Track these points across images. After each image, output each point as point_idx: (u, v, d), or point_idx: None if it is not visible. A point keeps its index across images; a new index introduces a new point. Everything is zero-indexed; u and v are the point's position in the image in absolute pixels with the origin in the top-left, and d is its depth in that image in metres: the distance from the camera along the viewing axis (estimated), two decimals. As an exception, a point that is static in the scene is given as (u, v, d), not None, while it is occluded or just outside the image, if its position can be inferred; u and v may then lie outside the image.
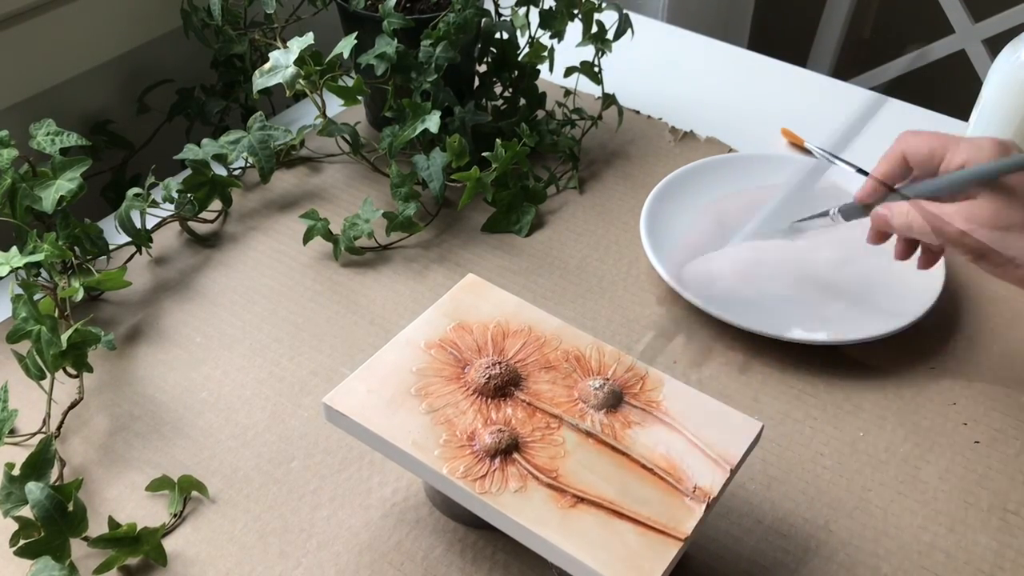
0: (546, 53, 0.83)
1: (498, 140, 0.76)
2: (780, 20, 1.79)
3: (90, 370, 0.61)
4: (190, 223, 0.77)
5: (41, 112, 0.78)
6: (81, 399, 0.62)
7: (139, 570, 0.54)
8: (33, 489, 0.51)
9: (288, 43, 0.73)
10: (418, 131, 0.74)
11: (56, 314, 0.63)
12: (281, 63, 0.72)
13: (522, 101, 0.86)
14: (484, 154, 0.76)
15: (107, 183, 0.87)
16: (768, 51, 1.04)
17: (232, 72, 0.88)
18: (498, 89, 0.87)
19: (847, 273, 0.72)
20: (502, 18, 0.84)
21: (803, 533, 0.57)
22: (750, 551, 0.56)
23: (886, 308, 0.68)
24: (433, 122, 0.74)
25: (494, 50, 0.84)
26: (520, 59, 0.84)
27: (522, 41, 0.84)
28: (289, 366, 0.67)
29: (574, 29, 0.83)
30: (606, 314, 0.71)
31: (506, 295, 0.58)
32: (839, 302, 0.70)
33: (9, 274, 0.61)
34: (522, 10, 0.82)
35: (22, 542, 0.51)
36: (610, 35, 0.83)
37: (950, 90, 1.28)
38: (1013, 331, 0.70)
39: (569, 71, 0.84)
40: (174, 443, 0.61)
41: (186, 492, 0.57)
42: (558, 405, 0.51)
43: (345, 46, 0.75)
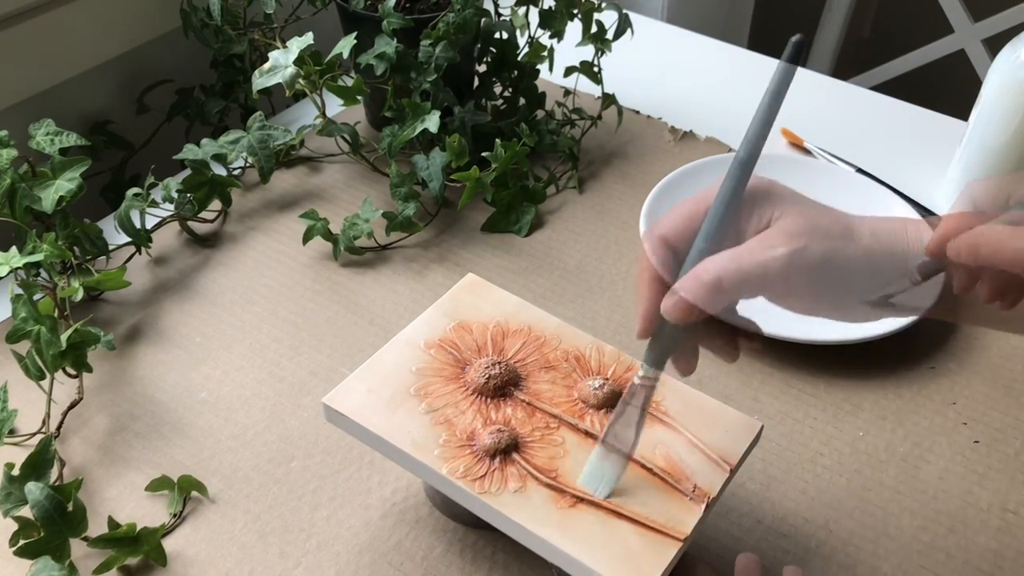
0: (546, 53, 0.83)
1: (498, 140, 0.76)
2: (780, 20, 1.79)
3: (90, 370, 0.61)
4: (190, 223, 0.77)
5: (41, 112, 0.78)
6: (81, 399, 0.62)
7: (139, 570, 0.54)
8: (33, 489, 0.51)
9: (288, 43, 0.73)
10: (418, 131, 0.74)
11: (56, 314, 0.63)
12: (281, 63, 0.72)
13: (522, 101, 0.86)
14: (484, 154, 0.76)
15: (107, 183, 0.87)
16: (768, 51, 1.03)
17: (232, 72, 0.87)
18: (498, 89, 0.87)
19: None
20: (502, 18, 0.84)
21: (803, 533, 0.57)
22: (750, 551, 0.55)
23: None
24: (433, 122, 0.74)
25: (494, 50, 0.84)
26: (520, 59, 0.84)
27: (522, 41, 0.84)
28: (289, 366, 0.66)
29: (574, 29, 0.83)
30: (606, 314, 0.71)
31: (506, 295, 0.58)
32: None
33: (9, 274, 0.61)
34: (522, 10, 0.82)
35: (22, 542, 0.51)
36: (610, 35, 0.83)
37: (950, 90, 1.28)
38: (1013, 331, 0.70)
39: (569, 71, 0.84)
40: (174, 443, 0.61)
41: (186, 492, 0.57)
42: (558, 405, 0.51)
43: (345, 46, 0.75)
